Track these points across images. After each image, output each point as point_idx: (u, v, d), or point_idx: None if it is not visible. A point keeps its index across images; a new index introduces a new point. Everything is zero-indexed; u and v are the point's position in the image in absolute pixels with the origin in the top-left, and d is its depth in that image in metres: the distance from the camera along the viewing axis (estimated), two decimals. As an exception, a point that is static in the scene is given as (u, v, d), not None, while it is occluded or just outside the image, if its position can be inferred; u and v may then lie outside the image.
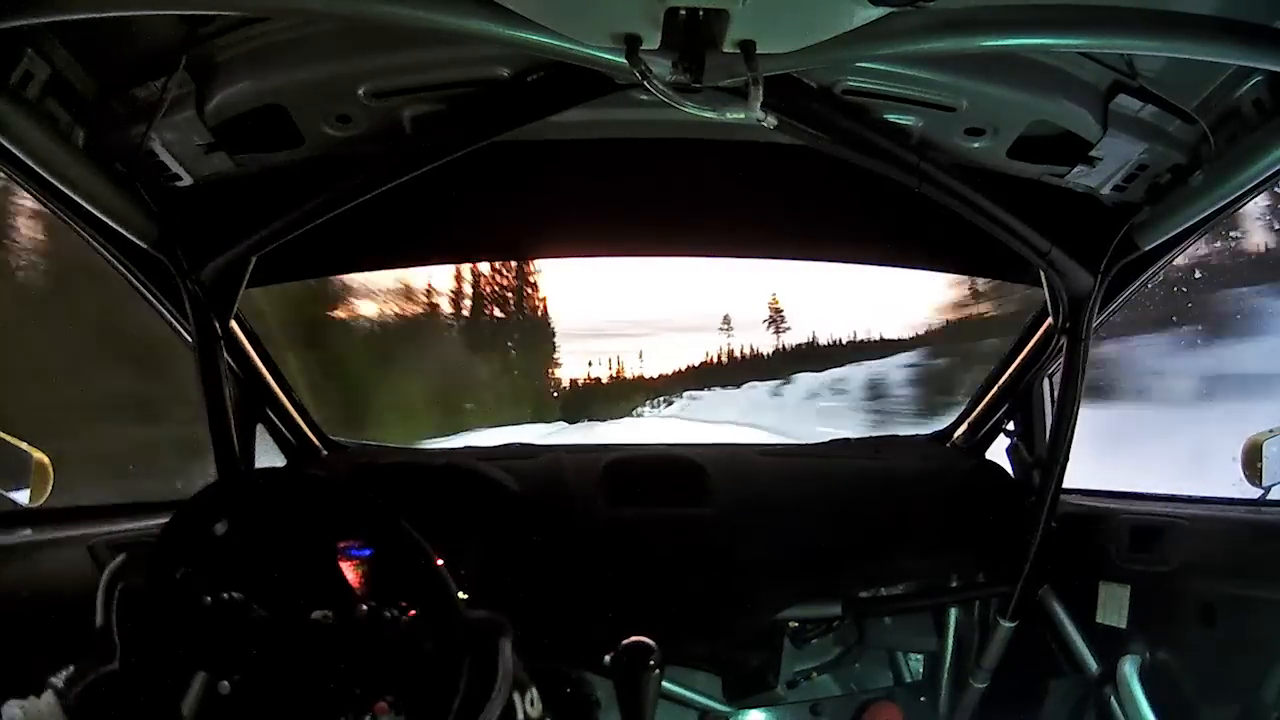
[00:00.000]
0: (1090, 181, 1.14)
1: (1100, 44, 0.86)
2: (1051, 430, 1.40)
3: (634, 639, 1.20)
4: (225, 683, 0.78)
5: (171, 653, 0.78)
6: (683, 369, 15.96)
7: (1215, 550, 1.24)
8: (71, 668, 0.79)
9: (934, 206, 1.12)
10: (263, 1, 0.82)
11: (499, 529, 1.39)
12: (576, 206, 1.39)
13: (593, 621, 1.37)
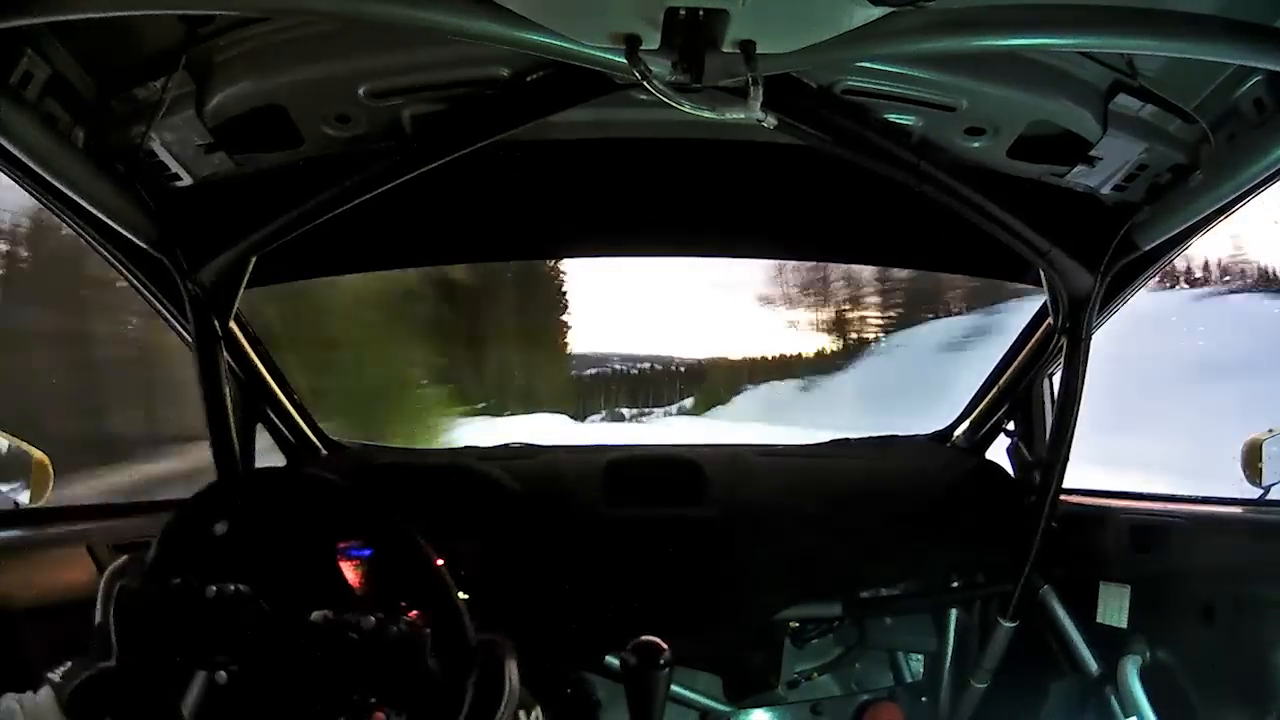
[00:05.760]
0: (1090, 181, 1.14)
1: (1100, 44, 0.86)
2: (1052, 430, 1.39)
3: (644, 638, 1.19)
4: (223, 672, 0.77)
5: (169, 651, 0.78)
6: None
7: (1215, 550, 1.24)
8: (69, 664, 0.78)
9: (934, 206, 1.12)
10: (263, 1, 0.82)
11: (499, 529, 1.39)
12: (577, 207, 1.39)
13: (593, 622, 1.37)
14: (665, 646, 1.18)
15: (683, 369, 14.48)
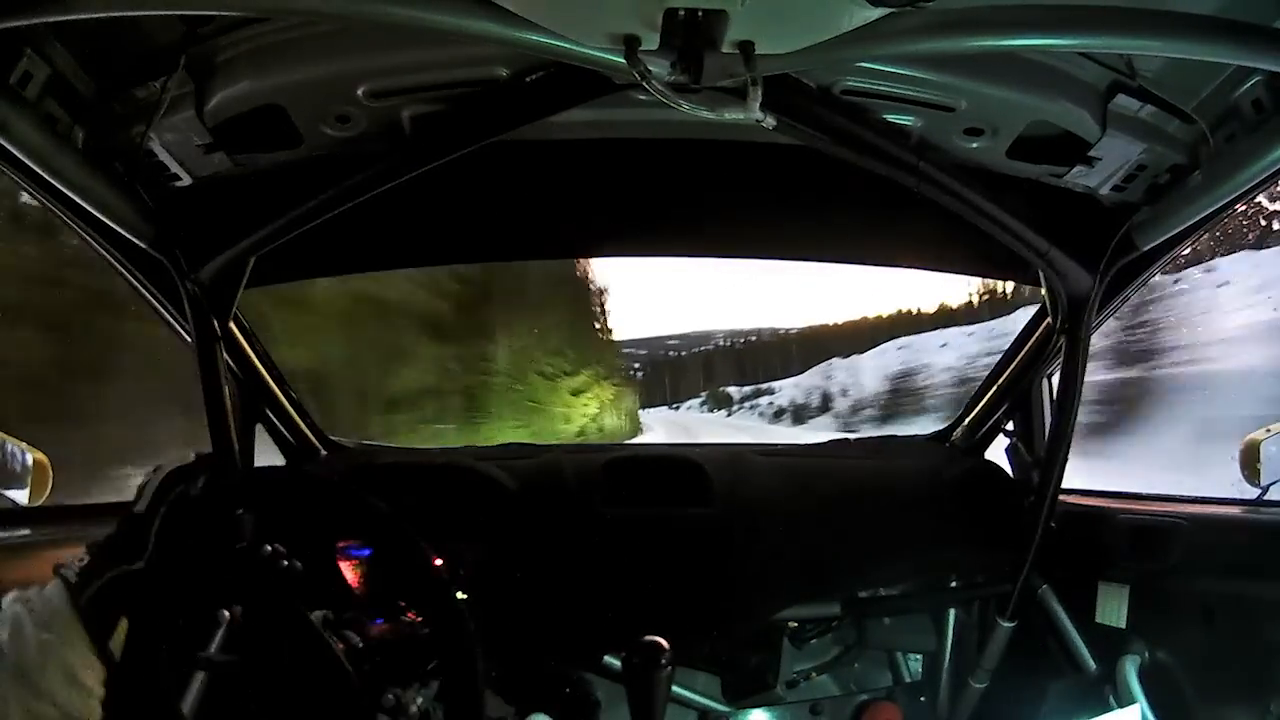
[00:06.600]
0: (1089, 181, 1.14)
1: (1100, 44, 0.86)
2: (1051, 430, 1.40)
3: (647, 638, 1.20)
4: (231, 612, 0.74)
5: (204, 572, 0.75)
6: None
7: (1214, 550, 1.24)
8: (85, 557, 0.70)
9: (933, 206, 1.12)
10: (263, 2, 0.82)
11: (498, 529, 1.39)
12: (576, 207, 1.39)
13: (592, 622, 1.37)
14: (667, 646, 1.19)
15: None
